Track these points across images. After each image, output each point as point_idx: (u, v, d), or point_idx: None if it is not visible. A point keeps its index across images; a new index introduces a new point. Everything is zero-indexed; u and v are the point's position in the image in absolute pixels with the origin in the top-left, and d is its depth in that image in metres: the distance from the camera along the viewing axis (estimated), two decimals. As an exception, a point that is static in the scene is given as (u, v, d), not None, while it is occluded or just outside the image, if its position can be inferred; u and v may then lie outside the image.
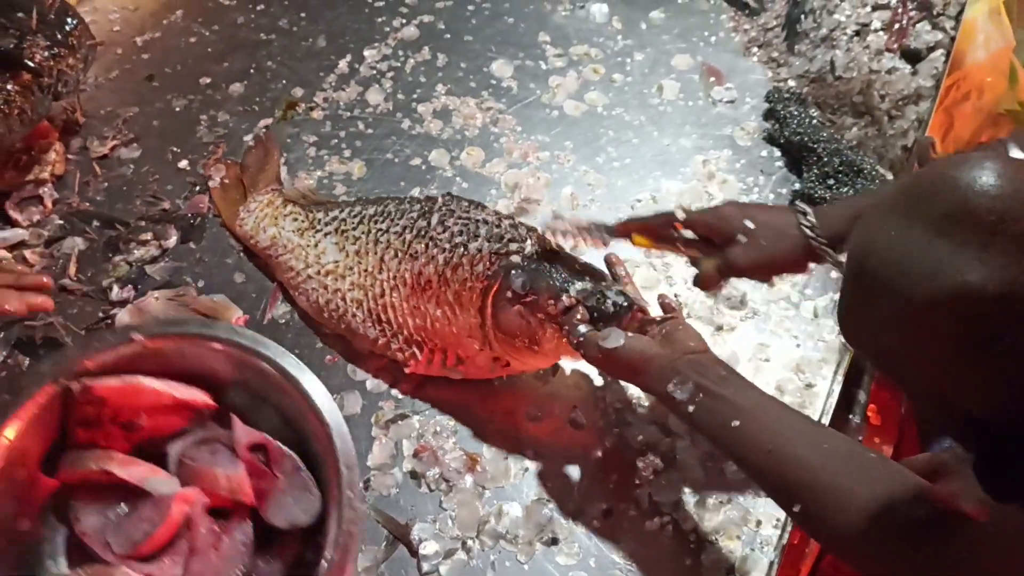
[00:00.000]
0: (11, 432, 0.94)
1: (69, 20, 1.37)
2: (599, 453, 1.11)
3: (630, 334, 0.98)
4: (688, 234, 1.08)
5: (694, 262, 1.09)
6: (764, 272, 1.07)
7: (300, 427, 0.98)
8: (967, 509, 0.74)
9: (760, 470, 0.88)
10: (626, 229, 1.13)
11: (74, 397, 0.97)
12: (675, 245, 1.09)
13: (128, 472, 0.96)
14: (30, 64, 1.31)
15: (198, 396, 1.01)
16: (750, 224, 1.04)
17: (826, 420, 1.12)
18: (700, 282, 1.08)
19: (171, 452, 0.99)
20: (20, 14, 1.34)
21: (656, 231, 1.10)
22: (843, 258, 0.87)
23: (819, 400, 1.14)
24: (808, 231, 1.01)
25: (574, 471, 1.10)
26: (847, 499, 0.81)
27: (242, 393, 1.03)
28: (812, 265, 1.05)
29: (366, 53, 1.58)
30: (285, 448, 0.98)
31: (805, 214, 1.02)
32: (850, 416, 1.16)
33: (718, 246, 1.06)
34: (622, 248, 1.16)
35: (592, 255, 1.16)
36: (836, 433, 0.89)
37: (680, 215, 1.08)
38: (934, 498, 0.78)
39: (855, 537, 0.80)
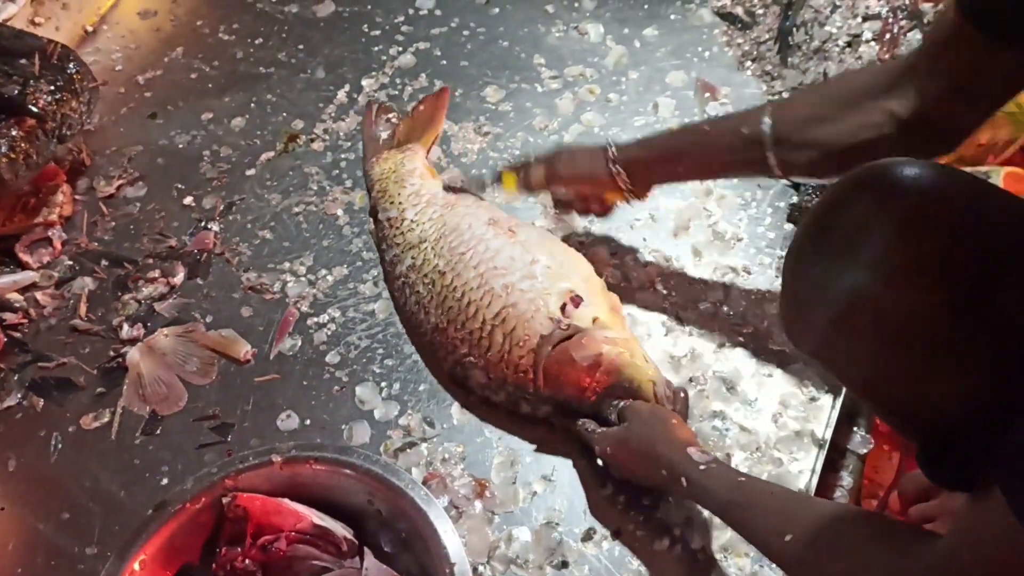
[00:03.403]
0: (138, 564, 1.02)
1: (71, 65, 1.40)
2: (607, 474, 1.12)
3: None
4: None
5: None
6: (583, 184, 1.23)
7: (424, 558, 1.03)
8: None
9: (760, 510, 0.92)
10: (498, 175, 1.30)
11: (223, 510, 1.04)
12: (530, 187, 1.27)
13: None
14: (34, 110, 1.34)
15: (339, 528, 1.04)
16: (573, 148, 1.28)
17: (830, 432, 1.13)
18: (530, 187, 1.27)
19: None
20: (23, 61, 1.38)
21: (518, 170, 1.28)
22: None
23: (823, 413, 1.14)
24: (610, 157, 1.18)
25: (582, 493, 1.12)
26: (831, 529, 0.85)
27: (373, 521, 1.08)
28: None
29: (364, 82, 1.60)
30: None
31: (608, 145, 1.19)
32: (854, 428, 1.16)
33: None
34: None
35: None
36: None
37: (531, 156, 1.28)
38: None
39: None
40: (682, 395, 1.11)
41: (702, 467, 0.98)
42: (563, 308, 1.14)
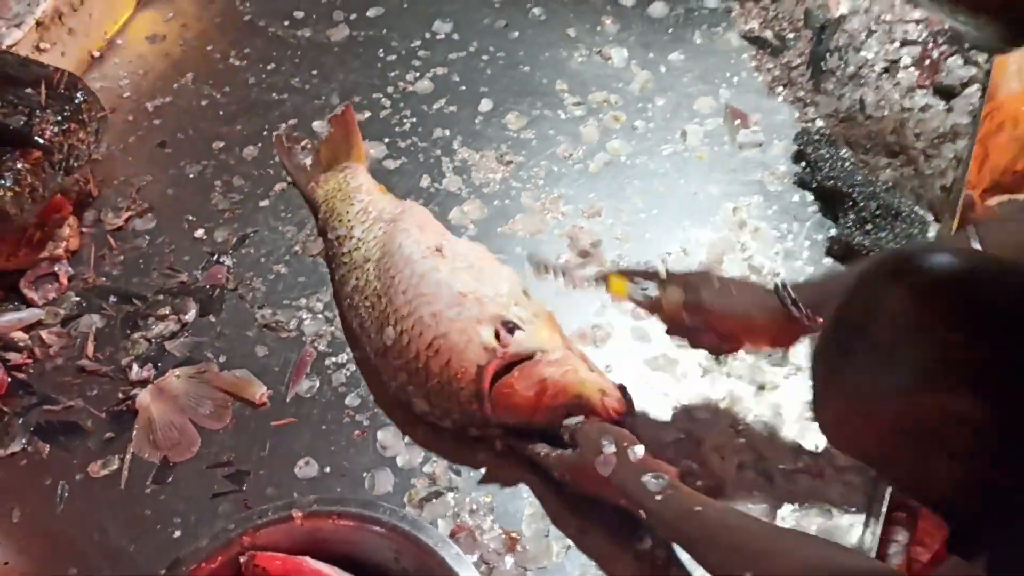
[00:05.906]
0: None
1: (78, 94, 1.34)
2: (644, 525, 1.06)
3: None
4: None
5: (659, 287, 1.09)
6: (730, 323, 1.05)
7: None
8: None
9: (715, 545, 0.93)
10: (604, 277, 1.14)
11: (240, 570, 0.99)
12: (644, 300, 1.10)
13: None
14: (40, 141, 1.29)
15: None
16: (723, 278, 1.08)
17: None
18: (656, 308, 1.09)
19: None
20: (28, 90, 1.32)
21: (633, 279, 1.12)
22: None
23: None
24: (784, 294, 1.02)
25: (619, 547, 1.06)
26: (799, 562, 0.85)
27: None
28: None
29: (380, 109, 1.54)
30: None
31: (784, 285, 1.03)
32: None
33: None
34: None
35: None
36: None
37: (662, 271, 1.10)
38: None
39: None
40: (629, 395, 1.11)
41: (658, 497, 0.97)
42: (497, 336, 1.12)
